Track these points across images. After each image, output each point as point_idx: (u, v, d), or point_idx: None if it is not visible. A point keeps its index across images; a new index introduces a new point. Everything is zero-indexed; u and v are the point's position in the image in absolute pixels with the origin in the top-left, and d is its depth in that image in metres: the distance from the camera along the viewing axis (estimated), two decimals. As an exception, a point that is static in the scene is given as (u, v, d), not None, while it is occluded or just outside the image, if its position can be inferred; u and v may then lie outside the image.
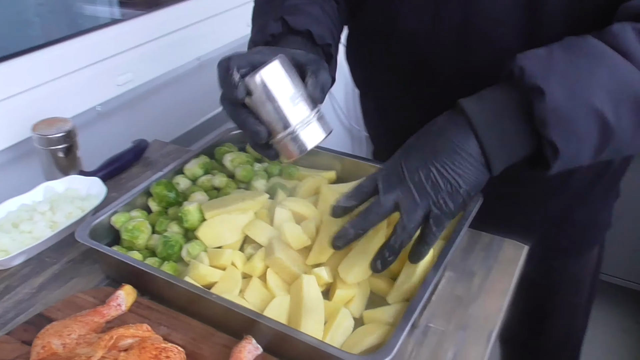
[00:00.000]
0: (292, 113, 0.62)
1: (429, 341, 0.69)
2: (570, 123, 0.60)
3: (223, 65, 0.64)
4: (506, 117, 0.63)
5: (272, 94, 0.62)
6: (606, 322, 1.29)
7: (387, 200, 0.64)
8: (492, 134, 0.63)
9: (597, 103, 0.59)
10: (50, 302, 0.75)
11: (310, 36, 0.76)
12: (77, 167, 1.02)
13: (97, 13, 1.57)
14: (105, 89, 1.24)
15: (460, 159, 0.63)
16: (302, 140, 0.63)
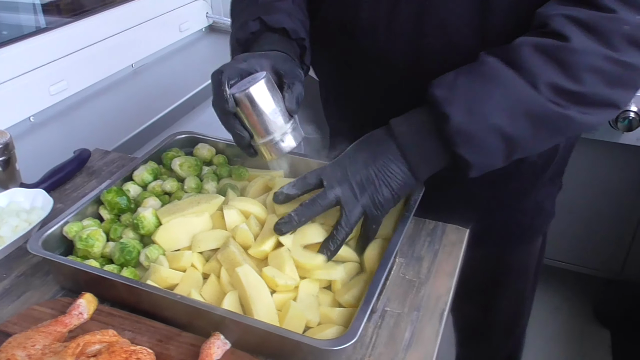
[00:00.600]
0: (272, 125, 0.75)
1: (386, 324, 0.73)
2: (474, 140, 0.71)
3: (216, 78, 0.75)
4: (425, 138, 0.74)
5: (256, 108, 0.74)
6: (539, 300, 1.38)
7: (331, 194, 0.74)
8: (414, 152, 0.75)
9: (494, 120, 0.70)
10: (4, 317, 0.73)
11: (286, 32, 0.85)
12: (17, 180, 0.99)
13: (20, 21, 1.51)
14: (38, 99, 1.21)
15: (394, 167, 0.75)
16: (278, 147, 0.76)
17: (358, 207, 0.74)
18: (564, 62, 0.69)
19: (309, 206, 0.73)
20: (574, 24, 0.70)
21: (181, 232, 0.79)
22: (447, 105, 0.70)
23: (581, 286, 2.11)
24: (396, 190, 0.75)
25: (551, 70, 0.69)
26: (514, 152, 0.73)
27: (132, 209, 0.85)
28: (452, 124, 0.70)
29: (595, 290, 2.09)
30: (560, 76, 0.69)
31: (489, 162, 0.74)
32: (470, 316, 1.31)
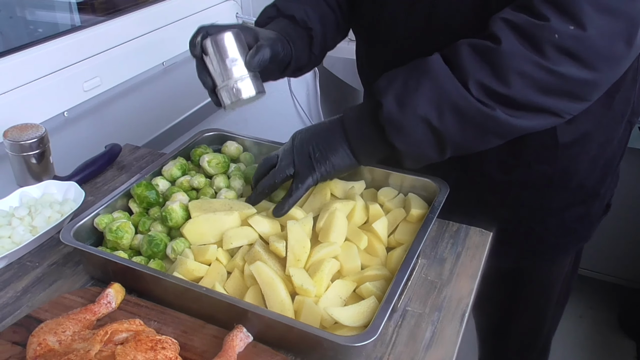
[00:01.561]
0: (229, 71, 0.80)
1: (407, 323, 0.74)
2: (403, 129, 0.75)
3: (197, 29, 0.82)
4: (364, 123, 0.80)
5: (217, 54, 0.80)
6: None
7: (271, 157, 0.85)
8: (355, 136, 0.81)
9: (421, 111, 0.74)
10: (36, 304, 0.76)
11: (295, 20, 0.92)
12: (51, 173, 1.02)
13: (56, 19, 1.55)
14: (72, 95, 1.24)
15: (335, 141, 0.82)
16: (234, 91, 0.80)
17: (291, 163, 0.82)
18: (494, 64, 0.71)
19: (258, 169, 0.86)
20: (509, 28, 0.71)
21: (209, 228, 0.81)
22: (383, 95, 0.76)
23: (606, 295, 2.08)
24: (334, 161, 0.81)
25: (483, 70, 0.71)
26: (445, 145, 0.76)
27: (160, 203, 0.87)
28: (384, 113, 0.75)
29: (621, 299, 2.05)
30: (489, 77, 0.71)
31: (421, 152, 0.77)
32: (491, 325, 1.30)
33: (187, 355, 0.65)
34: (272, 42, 0.85)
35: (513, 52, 0.70)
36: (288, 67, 0.92)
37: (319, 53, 0.97)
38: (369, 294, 0.73)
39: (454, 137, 0.75)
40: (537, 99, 0.72)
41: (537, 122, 0.75)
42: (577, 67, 0.70)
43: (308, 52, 0.95)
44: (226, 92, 0.81)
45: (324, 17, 0.96)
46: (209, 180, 0.93)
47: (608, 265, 1.99)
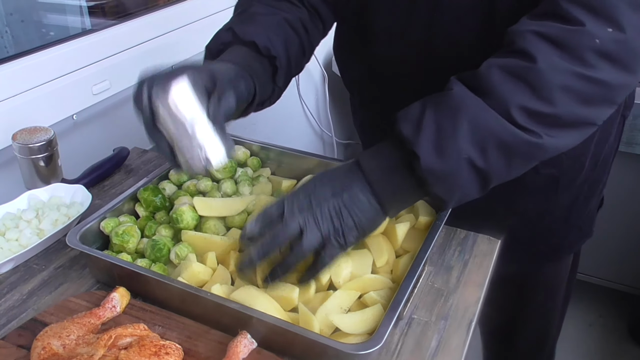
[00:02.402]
0: (192, 135, 0.66)
1: (413, 331, 0.73)
2: (446, 178, 0.67)
3: (139, 83, 0.69)
4: (395, 174, 0.70)
5: (171, 116, 0.66)
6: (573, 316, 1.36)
7: (292, 224, 0.67)
8: (384, 188, 0.70)
9: (464, 155, 0.66)
10: (42, 307, 0.76)
11: (256, 47, 0.80)
12: (59, 176, 1.03)
13: (67, 23, 1.56)
14: (81, 98, 1.24)
15: (363, 199, 0.69)
16: (198, 160, 0.67)
17: (317, 237, 0.67)
18: (534, 84, 0.65)
19: (268, 241, 0.67)
20: (543, 41, 0.66)
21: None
22: (416, 145, 0.66)
23: (616, 303, 2.06)
24: (363, 224, 0.69)
25: (521, 93, 0.65)
26: (489, 182, 0.69)
27: (167, 207, 0.87)
28: (423, 164, 0.66)
29: (631, 307, 2.03)
30: (531, 99, 0.65)
31: (464, 195, 0.70)
32: (496, 332, 1.29)
33: (191, 361, 0.65)
34: (234, 82, 0.73)
35: (552, 67, 0.65)
36: (251, 105, 0.80)
37: (282, 84, 0.86)
38: (373, 302, 0.72)
39: (500, 173, 0.69)
40: (581, 112, 0.67)
41: (578, 136, 0.70)
42: (618, 72, 0.66)
43: (271, 84, 0.84)
44: (190, 160, 0.67)
45: (287, 42, 0.84)
46: (216, 185, 0.93)
47: (618, 274, 1.97)
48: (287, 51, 0.84)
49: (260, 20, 0.83)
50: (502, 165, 0.68)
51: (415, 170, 0.67)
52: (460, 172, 0.67)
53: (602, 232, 1.11)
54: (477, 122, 0.66)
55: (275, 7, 0.87)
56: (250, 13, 0.84)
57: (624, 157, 1.66)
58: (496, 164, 0.67)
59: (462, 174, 0.67)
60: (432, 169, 0.66)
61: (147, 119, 0.68)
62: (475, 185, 0.69)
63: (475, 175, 0.68)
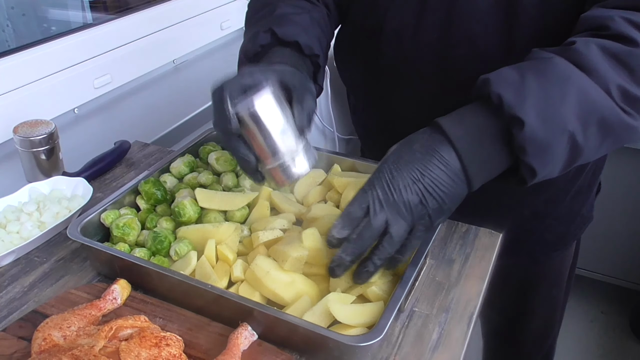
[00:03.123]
0: (280, 146, 0.66)
1: (414, 324, 0.73)
2: (547, 149, 0.64)
3: (217, 95, 0.67)
4: (487, 142, 0.66)
5: (262, 128, 0.65)
6: (574, 312, 1.35)
7: (377, 222, 0.65)
8: (474, 157, 0.66)
9: (569, 127, 0.63)
10: (43, 299, 0.76)
11: (299, 47, 0.79)
12: (60, 169, 1.03)
13: (69, 17, 1.56)
14: (82, 92, 1.24)
15: (446, 178, 0.66)
16: (288, 171, 0.67)
17: (405, 228, 0.66)
18: (633, 67, 0.64)
19: (359, 241, 0.66)
20: (636, 28, 0.65)
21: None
22: (520, 109, 0.62)
23: (618, 299, 2.06)
24: (448, 204, 0.67)
25: (621, 74, 0.64)
26: (576, 160, 0.67)
27: (168, 200, 0.87)
28: (527, 132, 0.62)
29: (632, 303, 2.03)
30: (629, 81, 0.64)
31: (550, 172, 0.67)
32: (501, 324, 1.29)
33: (191, 352, 0.65)
34: (306, 84, 0.71)
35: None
36: None
37: (322, 82, 0.85)
38: (376, 297, 0.72)
39: (589, 153, 0.66)
40: None
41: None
42: None
43: (314, 83, 0.81)
44: (280, 172, 0.67)
45: (321, 40, 0.84)
46: (217, 178, 0.92)
47: (620, 269, 1.97)
48: (322, 49, 0.84)
49: (296, 20, 0.81)
50: (597, 143, 0.66)
51: (516, 137, 0.63)
52: (560, 144, 0.64)
53: (603, 228, 1.11)
54: (585, 94, 0.63)
55: (299, 6, 0.86)
56: (282, 14, 0.82)
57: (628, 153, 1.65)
58: (592, 141, 0.65)
59: (560, 148, 0.64)
60: (535, 137, 0.63)
61: (236, 130, 0.67)
62: (564, 163, 0.66)
63: (569, 152, 0.65)
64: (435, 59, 0.82)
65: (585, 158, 0.68)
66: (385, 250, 0.66)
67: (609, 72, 0.64)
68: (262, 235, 0.77)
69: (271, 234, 0.78)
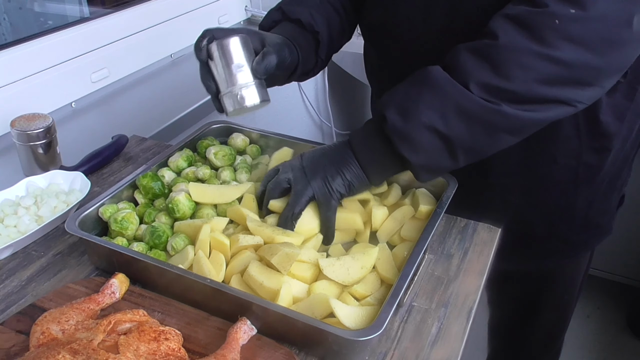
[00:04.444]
0: (234, 77, 0.79)
1: (413, 318, 0.73)
2: (409, 138, 0.73)
3: (203, 33, 0.81)
4: (372, 138, 0.78)
5: (223, 59, 0.78)
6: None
7: (283, 177, 0.81)
8: (364, 152, 0.79)
9: (425, 118, 0.72)
10: (41, 293, 0.76)
11: (301, 24, 0.90)
12: (57, 163, 1.02)
13: (65, 11, 1.55)
14: (80, 86, 1.24)
15: (345, 162, 0.79)
16: (238, 98, 0.79)
17: (307, 187, 0.79)
18: (493, 60, 0.69)
19: (269, 193, 0.81)
20: (507, 21, 0.70)
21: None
22: (385, 108, 0.75)
23: (614, 295, 2.06)
24: (349, 179, 0.79)
25: (482, 69, 0.70)
26: (455, 150, 0.74)
27: (165, 194, 0.87)
28: (388, 124, 0.74)
29: (629, 299, 2.03)
30: (490, 74, 0.70)
31: (432, 162, 0.75)
32: (510, 326, 1.28)
33: (190, 347, 0.65)
34: (279, 47, 0.84)
35: (512, 45, 0.69)
36: (294, 73, 0.91)
37: (325, 57, 0.96)
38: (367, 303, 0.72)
39: (463, 140, 0.73)
40: (542, 90, 0.70)
41: (548, 113, 0.72)
42: (580, 52, 0.68)
43: (314, 56, 0.94)
44: (230, 99, 0.79)
45: (329, 19, 0.94)
46: (215, 172, 0.92)
47: (617, 265, 1.97)
48: (328, 28, 0.93)
49: (306, 1, 0.93)
50: (464, 131, 0.72)
51: (384, 130, 0.75)
52: (422, 134, 0.73)
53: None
54: (439, 90, 0.72)
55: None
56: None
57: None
58: (457, 129, 0.72)
59: (424, 137, 0.73)
60: (395, 128, 0.74)
61: (202, 60, 0.80)
62: (441, 152, 0.74)
63: (438, 141, 0.73)
64: (438, 47, 0.82)
65: (465, 145, 0.74)
66: (290, 207, 0.78)
67: (470, 69, 0.71)
68: (242, 239, 0.77)
69: (252, 239, 0.77)
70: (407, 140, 0.74)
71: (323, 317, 0.69)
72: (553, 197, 0.97)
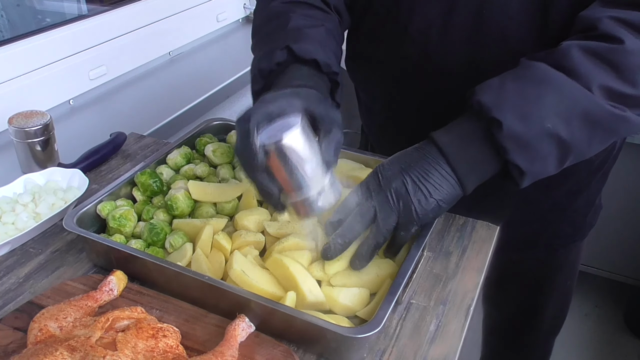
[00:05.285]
0: (306, 181, 0.64)
1: (411, 316, 0.73)
2: (529, 146, 0.66)
3: (243, 125, 0.65)
4: (472, 145, 0.69)
5: (288, 162, 0.63)
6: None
7: (365, 208, 0.70)
8: (461, 160, 0.69)
9: (549, 124, 0.66)
10: (38, 291, 0.76)
11: (317, 64, 0.77)
12: (55, 160, 1.02)
13: (63, 8, 1.55)
14: (78, 83, 1.24)
15: (434, 172, 0.69)
16: (312, 206, 0.66)
17: (392, 216, 0.69)
18: (618, 65, 0.65)
19: (347, 225, 0.70)
20: (625, 26, 0.66)
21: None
22: (497, 110, 0.66)
23: (612, 293, 2.07)
24: (439, 198, 0.69)
25: (604, 73, 0.66)
26: (567, 157, 0.69)
27: (164, 192, 0.87)
28: (505, 130, 0.65)
29: (627, 298, 2.03)
30: (613, 79, 0.66)
31: (541, 169, 0.69)
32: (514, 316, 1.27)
33: (188, 344, 0.65)
34: (331, 114, 0.69)
35: (638, 51, 0.65)
36: None
37: (340, 100, 0.82)
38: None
39: (582, 147, 0.68)
40: None
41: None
42: None
43: (332, 101, 0.80)
44: (305, 206, 0.66)
45: (337, 54, 0.82)
46: (213, 169, 0.92)
47: (614, 263, 1.97)
48: (339, 64, 0.81)
49: (312, 35, 0.79)
50: (585, 137, 0.67)
51: (496, 137, 0.66)
52: (542, 141, 0.66)
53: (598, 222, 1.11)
54: (562, 92, 0.66)
55: (312, 16, 0.83)
56: (297, 27, 0.79)
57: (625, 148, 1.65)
58: (579, 136, 0.67)
59: (544, 144, 0.66)
60: (514, 135, 0.65)
61: (260, 164, 0.64)
62: (554, 158, 0.68)
63: (556, 146, 0.67)
64: (463, 59, 0.80)
65: (579, 152, 0.69)
66: (373, 236, 0.69)
67: (591, 72, 0.66)
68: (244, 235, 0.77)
69: (253, 237, 0.77)
70: (526, 147, 0.66)
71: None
72: (568, 190, 0.97)
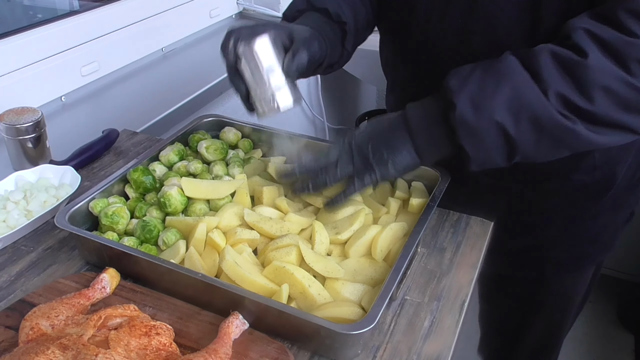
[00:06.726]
0: (266, 80, 0.76)
1: (406, 312, 0.73)
2: (476, 134, 0.70)
3: (228, 33, 0.78)
4: (432, 122, 0.75)
5: (252, 62, 0.76)
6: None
7: (332, 153, 0.78)
8: (421, 134, 0.76)
9: (498, 117, 0.69)
10: (30, 288, 0.75)
11: (328, 13, 0.87)
12: (47, 157, 1.01)
13: (55, 4, 1.54)
14: (70, 79, 1.23)
15: (399, 144, 0.76)
16: (271, 102, 0.77)
17: (348, 166, 0.77)
18: (579, 78, 0.67)
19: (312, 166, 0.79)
20: (594, 41, 0.67)
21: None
22: (456, 95, 0.70)
23: (605, 289, 2.07)
24: (396, 164, 0.76)
25: (564, 82, 0.67)
26: (515, 154, 0.72)
27: (157, 189, 0.86)
28: (457, 114, 0.70)
29: (620, 293, 2.04)
30: (572, 91, 0.67)
31: (488, 158, 0.73)
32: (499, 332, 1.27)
33: (182, 341, 0.64)
34: (308, 42, 0.80)
35: (599, 67, 0.66)
36: (320, 66, 0.87)
37: (351, 48, 0.92)
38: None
39: (527, 148, 0.71)
40: (619, 116, 0.68)
41: (613, 138, 0.71)
42: None
43: (340, 47, 0.90)
44: (262, 103, 0.78)
45: (355, 10, 0.91)
46: (207, 166, 0.92)
47: (608, 259, 1.98)
48: (355, 18, 0.91)
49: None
50: (531, 140, 0.70)
51: (450, 119, 0.71)
52: (490, 131, 0.70)
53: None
54: (519, 91, 0.69)
55: None
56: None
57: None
58: (525, 137, 0.70)
59: (491, 134, 0.70)
60: (464, 120, 0.70)
61: (231, 63, 0.78)
62: (502, 152, 0.72)
63: (503, 141, 0.70)
64: (455, 44, 0.82)
65: (525, 153, 0.71)
66: (324, 176, 0.77)
67: (552, 78, 0.68)
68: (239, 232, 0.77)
69: (248, 234, 0.78)
70: (474, 134, 0.70)
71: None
72: (562, 209, 0.96)
